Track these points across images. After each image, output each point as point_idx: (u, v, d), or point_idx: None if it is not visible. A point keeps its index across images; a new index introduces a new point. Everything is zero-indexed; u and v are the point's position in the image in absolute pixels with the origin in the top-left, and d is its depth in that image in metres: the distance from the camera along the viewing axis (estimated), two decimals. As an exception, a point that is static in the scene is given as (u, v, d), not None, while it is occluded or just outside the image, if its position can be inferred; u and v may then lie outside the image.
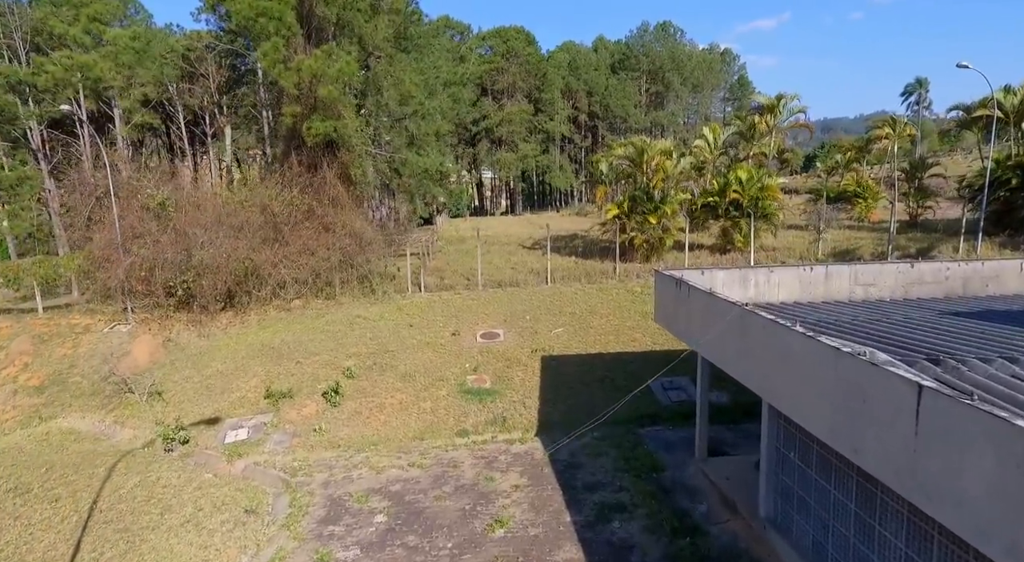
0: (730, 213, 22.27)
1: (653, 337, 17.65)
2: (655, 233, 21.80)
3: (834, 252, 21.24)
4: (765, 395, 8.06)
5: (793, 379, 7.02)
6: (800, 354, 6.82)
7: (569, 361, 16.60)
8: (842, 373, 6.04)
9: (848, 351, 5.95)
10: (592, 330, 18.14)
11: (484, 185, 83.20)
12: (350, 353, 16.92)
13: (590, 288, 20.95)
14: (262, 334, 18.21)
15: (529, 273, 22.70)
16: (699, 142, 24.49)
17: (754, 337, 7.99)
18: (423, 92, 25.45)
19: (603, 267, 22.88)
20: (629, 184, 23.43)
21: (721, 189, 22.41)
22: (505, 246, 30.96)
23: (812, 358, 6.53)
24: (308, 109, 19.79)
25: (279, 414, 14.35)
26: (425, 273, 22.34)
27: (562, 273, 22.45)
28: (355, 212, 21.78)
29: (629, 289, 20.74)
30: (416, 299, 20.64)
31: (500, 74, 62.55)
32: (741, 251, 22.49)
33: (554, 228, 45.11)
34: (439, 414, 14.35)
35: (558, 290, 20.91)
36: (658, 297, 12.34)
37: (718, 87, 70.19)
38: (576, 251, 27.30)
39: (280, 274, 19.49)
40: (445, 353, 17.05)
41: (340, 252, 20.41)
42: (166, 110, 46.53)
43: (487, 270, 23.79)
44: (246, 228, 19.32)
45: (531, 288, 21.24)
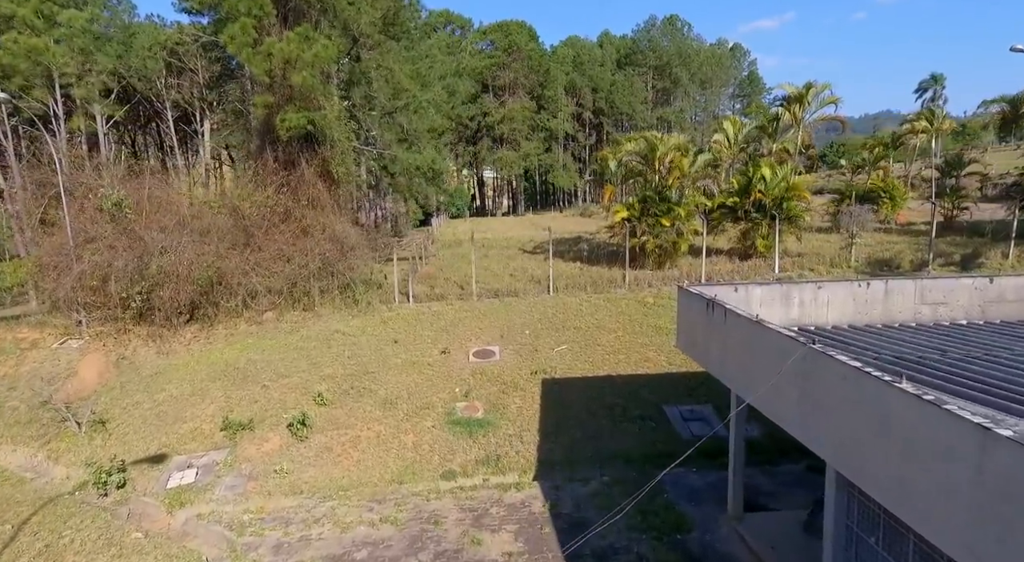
0: (751, 215, 20.18)
1: (669, 356, 15.57)
2: (668, 237, 19.73)
3: (869, 259, 19.14)
4: (849, 473, 5.90)
5: (895, 459, 4.92)
6: (910, 425, 4.72)
7: (573, 385, 14.53)
8: (994, 467, 3.95)
9: (1008, 436, 3.85)
10: (599, 348, 16.06)
11: (485, 184, 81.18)
12: (324, 375, 14.88)
13: (597, 299, 18.87)
14: (228, 351, 16.19)
15: (529, 281, 20.64)
16: (718, 137, 22.38)
17: (828, 389, 5.89)
18: (416, 84, 23.44)
19: (611, 274, 20.78)
20: (639, 183, 21.35)
21: (742, 188, 20.28)
22: (504, 250, 28.89)
23: (934, 436, 4.44)
24: (283, 99, 17.78)
25: (236, 450, 12.32)
26: (414, 281, 20.30)
27: (566, 281, 20.38)
28: (337, 214, 19.76)
29: (640, 300, 18.64)
30: (403, 310, 18.59)
31: (502, 70, 60.51)
32: (763, 257, 20.40)
33: (557, 230, 42.99)
34: (422, 451, 12.30)
35: (561, 301, 18.83)
36: (682, 318, 10.25)
37: (727, 83, 67.94)
38: (581, 256, 25.20)
39: (251, 283, 17.48)
40: (433, 375, 15.01)
41: (319, 258, 18.39)
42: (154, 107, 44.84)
43: (484, 277, 21.74)
44: (214, 232, 17.31)
45: (531, 298, 19.17)
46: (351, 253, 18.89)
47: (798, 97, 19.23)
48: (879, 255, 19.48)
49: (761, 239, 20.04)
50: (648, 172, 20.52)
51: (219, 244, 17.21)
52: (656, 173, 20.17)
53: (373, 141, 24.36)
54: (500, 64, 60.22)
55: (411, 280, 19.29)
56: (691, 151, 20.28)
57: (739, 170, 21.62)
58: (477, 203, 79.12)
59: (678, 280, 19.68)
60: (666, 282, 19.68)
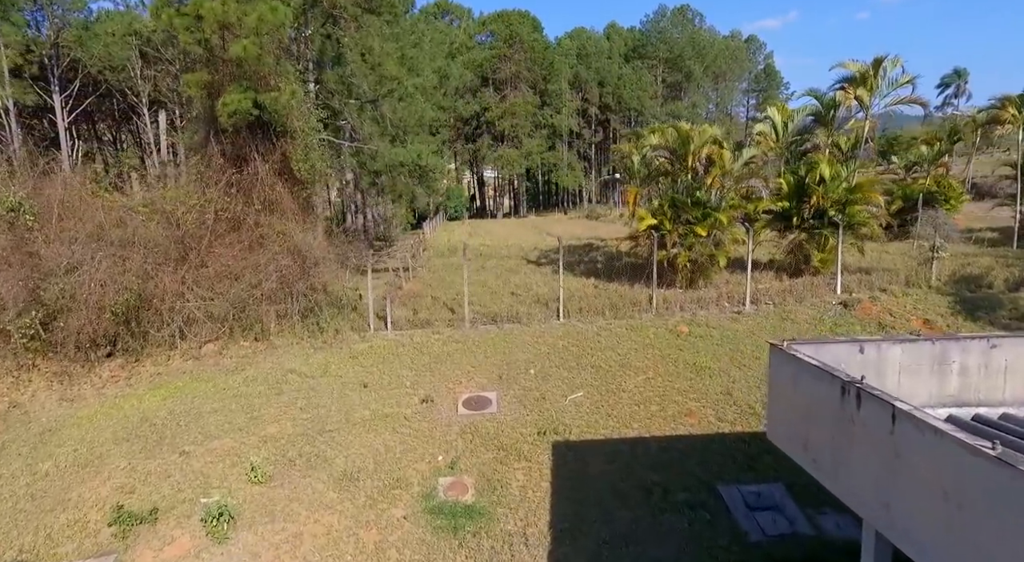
0: (806, 222, 16.65)
1: (715, 407, 12.06)
2: (704, 249, 16.17)
3: (954, 277, 15.60)
4: None
5: None
6: None
7: (594, 451, 10.99)
8: None
9: None
10: (625, 395, 12.52)
11: (486, 184, 77.67)
12: (266, 435, 11.35)
13: (618, 326, 15.31)
14: (149, 398, 12.66)
15: (534, 302, 17.08)
16: (761, 127, 18.74)
17: None
18: (401, 67, 19.95)
19: (633, 294, 17.21)
20: (666, 184, 17.81)
21: (793, 190, 16.72)
22: (505, 260, 25.33)
23: None
24: (227, 78, 14.29)
25: (124, 559, 8.78)
26: (394, 302, 16.76)
27: (579, 302, 16.82)
28: (301, 220, 16.24)
29: (672, 328, 15.09)
30: (379, 341, 15.05)
31: (503, 62, 56.90)
32: (818, 273, 16.87)
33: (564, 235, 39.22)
34: (387, 558, 8.76)
35: (574, 329, 15.28)
36: (782, 398, 6.66)
37: (741, 77, 64.29)
38: (594, 269, 21.62)
39: (188, 308, 13.94)
40: (410, 435, 11.48)
41: (276, 276, 14.86)
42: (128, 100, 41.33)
43: (479, 296, 18.20)
44: (140, 244, 13.78)
45: (537, 325, 15.62)
46: (315, 269, 15.35)
47: (863, 76, 15.65)
48: (964, 271, 15.95)
49: (817, 252, 16.49)
50: (678, 170, 16.98)
51: (146, 259, 13.67)
52: (689, 171, 16.61)
53: (354, 134, 20.84)
54: (501, 56, 56.63)
55: (389, 302, 15.72)
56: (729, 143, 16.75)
57: (789, 168, 18.07)
58: (477, 204, 75.64)
59: (716, 301, 16.15)
60: (701, 304, 16.12)
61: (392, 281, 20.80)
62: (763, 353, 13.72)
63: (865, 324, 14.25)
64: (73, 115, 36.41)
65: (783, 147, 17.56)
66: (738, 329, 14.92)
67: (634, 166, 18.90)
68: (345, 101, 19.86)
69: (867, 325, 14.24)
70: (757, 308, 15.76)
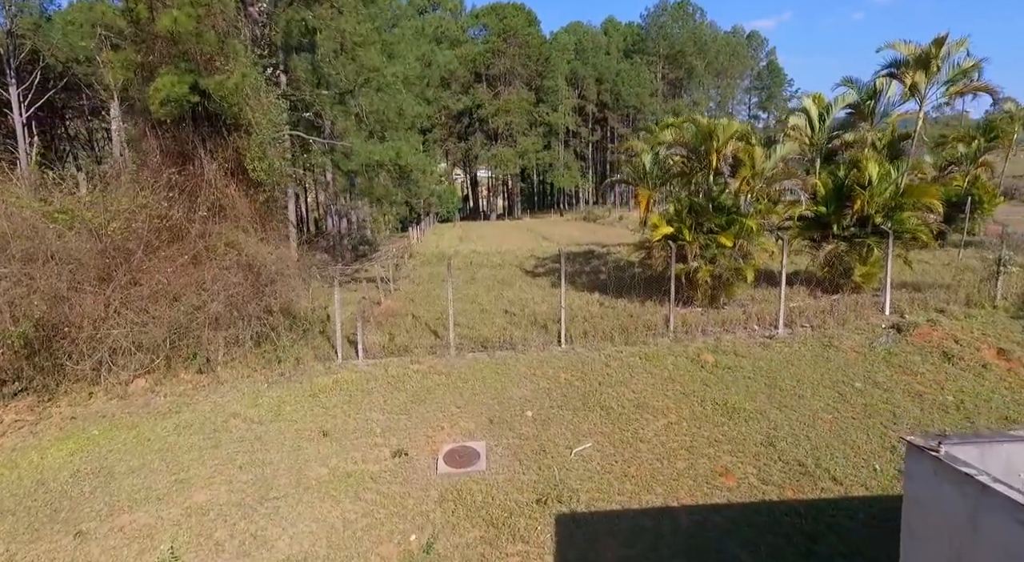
0: (847, 230, 14.39)
1: (758, 463, 9.76)
2: (729, 262, 13.87)
3: (1023, 297, 13.38)
4: None
5: None
6: None
7: (609, 528, 8.64)
8: None
9: None
10: (644, 446, 10.19)
11: (479, 184, 75.38)
12: (192, 506, 8.95)
13: (630, 355, 12.98)
14: (52, 454, 10.22)
15: (531, 323, 14.74)
16: (795, 120, 16.39)
17: None
18: (380, 53, 17.56)
19: (645, 314, 14.89)
20: (682, 184, 15.52)
21: (832, 193, 14.41)
22: (498, 269, 22.98)
23: None
24: (164, 60, 11.89)
25: None
26: (367, 325, 14.40)
27: (582, 323, 14.50)
28: (258, 228, 13.85)
29: (693, 357, 12.77)
30: (347, 373, 12.66)
31: (496, 57, 54.58)
32: (859, 289, 14.64)
33: (561, 239, 36.90)
34: None
35: (579, 358, 12.94)
36: (935, 535, 4.27)
37: (743, 74, 62.18)
38: (598, 281, 19.30)
39: (113, 336, 11.52)
40: (376, 503, 9.11)
41: (224, 296, 12.45)
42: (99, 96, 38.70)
43: (468, 313, 15.86)
44: (53, 259, 11.35)
45: (534, 353, 13.27)
46: (273, 286, 12.95)
47: (923, 59, 13.32)
48: (1032, 290, 13.73)
49: (859, 264, 14.23)
50: (698, 171, 14.68)
51: (60, 278, 11.23)
52: (711, 172, 14.32)
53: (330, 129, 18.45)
54: (495, 51, 54.30)
55: (361, 325, 13.32)
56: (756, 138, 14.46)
57: (825, 168, 15.81)
58: (470, 204, 73.34)
59: (744, 324, 13.85)
60: (726, 327, 13.82)
61: (369, 296, 18.41)
62: (806, 390, 11.48)
63: (926, 354, 11.98)
64: (32, 109, 33.84)
65: (819, 143, 15.33)
66: (772, 358, 12.64)
67: (645, 166, 16.58)
68: (316, 92, 17.49)
69: (928, 355, 11.97)
70: (792, 332, 13.48)
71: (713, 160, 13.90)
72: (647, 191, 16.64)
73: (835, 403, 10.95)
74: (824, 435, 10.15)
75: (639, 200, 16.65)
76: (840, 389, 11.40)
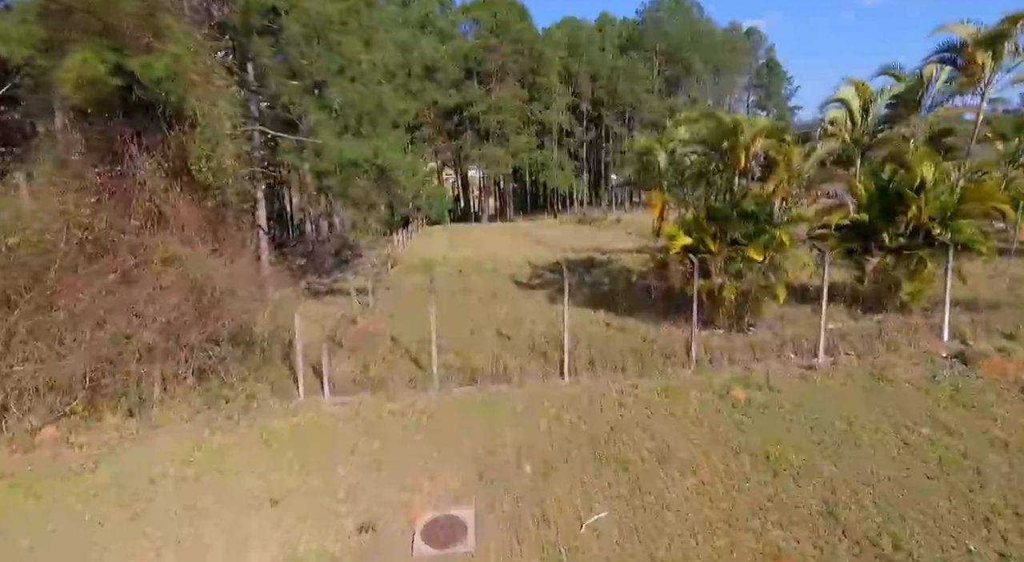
0: (896, 240, 12.48)
1: (818, 540, 7.74)
2: (758, 278, 11.93)
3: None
4: None
5: None
6: None
7: (637, 640, 6.64)
8: None
9: None
10: (672, 516, 8.18)
11: (471, 184, 73.27)
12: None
13: (647, 390, 10.99)
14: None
15: (529, 349, 12.72)
16: (834, 113, 14.45)
17: None
18: (355, 38, 15.46)
19: (660, 336, 12.92)
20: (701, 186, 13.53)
21: (875, 197, 12.48)
22: (489, 279, 20.96)
23: None
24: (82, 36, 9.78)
25: None
26: (338, 351, 12.32)
27: (588, 348, 12.51)
28: (208, 238, 11.74)
29: (723, 393, 10.80)
30: (309, 414, 10.58)
31: (488, 53, 52.49)
32: (907, 308, 12.76)
33: (557, 244, 34.92)
34: None
35: (586, 393, 10.93)
36: None
37: (742, 71, 60.51)
38: (602, 295, 17.31)
39: (15, 374, 9.38)
40: (330, 604, 7.05)
41: (160, 321, 10.33)
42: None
43: (455, 334, 13.83)
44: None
45: (533, 386, 11.26)
46: (220, 308, 10.84)
47: (989, 40, 11.42)
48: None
49: (908, 280, 12.32)
50: (718, 172, 12.74)
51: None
52: (735, 173, 12.38)
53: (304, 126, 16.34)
54: (486, 46, 52.22)
55: (327, 355, 11.22)
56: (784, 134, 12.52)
57: (867, 170, 13.85)
58: (461, 205, 71.23)
59: (777, 351, 11.90)
60: (757, 353, 11.87)
61: (346, 311, 16.32)
62: (862, 436, 9.53)
63: (1002, 391, 10.09)
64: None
65: (861, 139, 13.38)
66: (814, 394, 10.70)
67: (660, 166, 14.61)
68: (283, 82, 15.41)
69: (1004, 392, 10.08)
70: (834, 360, 11.56)
71: (740, 159, 11.96)
72: (661, 196, 14.63)
73: (901, 455, 9.01)
74: (895, 500, 8.19)
75: (652, 205, 14.66)
76: (903, 435, 9.46)
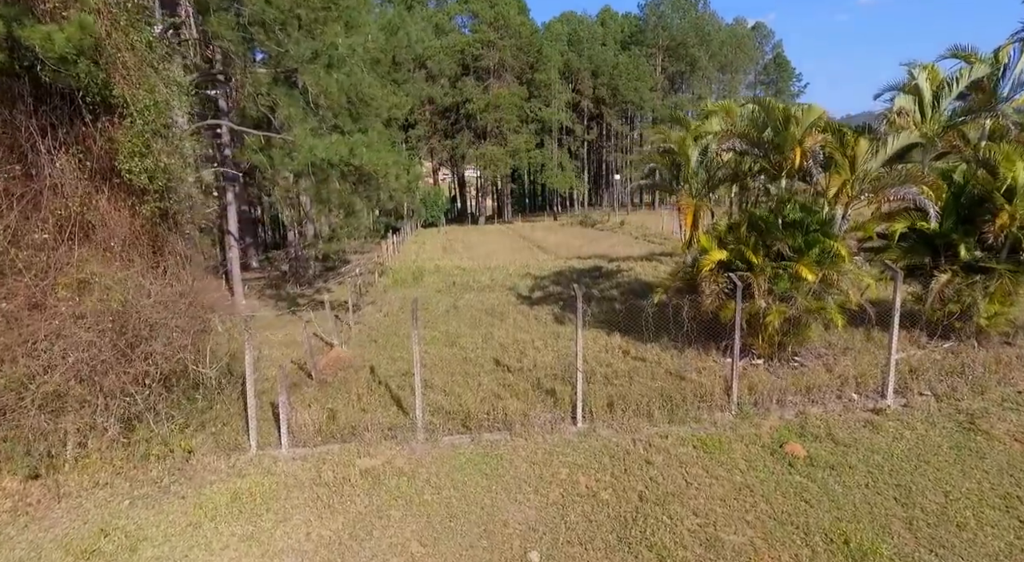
0: (973, 255, 10.44)
1: None
2: (808, 301, 9.85)
3: None
4: None
5: None
6: None
7: None
8: None
9: None
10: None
11: (468, 184, 71.17)
12: None
13: (680, 440, 8.89)
14: None
15: (533, 386, 10.58)
16: (902, 101, 12.36)
17: None
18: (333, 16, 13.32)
19: (687, 368, 10.82)
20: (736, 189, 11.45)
21: (953, 203, 10.41)
22: (486, 293, 18.82)
23: None
24: None
25: None
26: (296, 393, 10.21)
27: (604, 384, 10.41)
28: (146, 254, 9.63)
29: (774, 447, 8.71)
30: (257, 477, 8.45)
31: (486, 48, 50.36)
32: (983, 333, 10.70)
33: (559, 249, 32.80)
34: None
35: (604, 448, 8.82)
36: None
37: (749, 68, 58.46)
38: (613, 313, 15.18)
39: None
40: None
41: (71, 360, 8.21)
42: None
43: (446, 364, 11.73)
44: None
45: (539, 438, 9.13)
46: (153, 341, 8.72)
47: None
48: None
49: (987, 301, 10.26)
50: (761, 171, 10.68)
51: None
52: (780, 173, 10.28)
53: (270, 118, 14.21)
54: (484, 41, 50.09)
55: (285, 397, 9.07)
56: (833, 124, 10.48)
57: (938, 169, 11.79)
58: (458, 206, 69.13)
59: (836, 390, 9.82)
60: (811, 394, 9.76)
61: (323, 331, 14.18)
62: (966, 514, 7.42)
63: None
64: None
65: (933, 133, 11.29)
66: (892, 451, 8.60)
67: (691, 165, 12.43)
68: (249, 68, 13.29)
69: None
70: (907, 403, 9.47)
71: (794, 156, 9.89)
72: (692, 200, 12.44)
73: (1021, 540, 6.92)
74: (1030, 614, 6.12)
75: (682, 211, 12.49)
76: (1018, 511, 7.37)
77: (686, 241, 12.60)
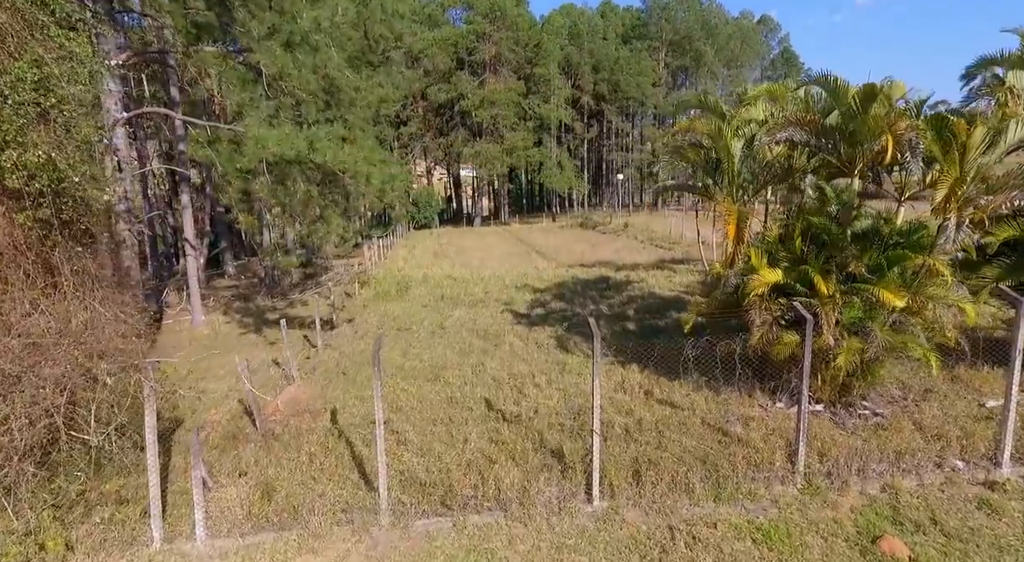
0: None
1: None
2: (889, 336, 7.61)
3: None
4: None
5: None
6: None
7: None
8: None
9: None
10: None
11: (463, 184, 68.81)
12: None
13: (731, 527, 6.58)
14: None
15: (532, 440, 8.27)
16: (1014, 79, 10.03)
17: None
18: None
19: (729, 419, 8.54)
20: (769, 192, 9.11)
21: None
22: (479, 309, 16.52)
23: None
24: None
25: None
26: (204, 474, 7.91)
27: (625, 440, 8.12)
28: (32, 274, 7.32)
29: (858, 535, 6.41)
30: (156, 589, 6.13)
31: (482, 41, 48.02)
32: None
33: (560, 254, 30.49)
34: None
35: (632, 538, 6.52)
36: None
37: (755, 62, 56.25)
38: (627, 337, 12.89)
39: None
40: None
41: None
42: None
43: (426, 408, 9.45)
44: None
45: (540, 522, 6.81)
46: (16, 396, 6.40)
47: None
48: None
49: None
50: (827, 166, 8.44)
51: None
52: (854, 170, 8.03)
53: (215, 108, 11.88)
54: (479, 34, 47.76)
55: (199, 467, 6.76)
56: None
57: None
58: (453, 206, 66.82)
59: (935, 457, 7.58)
60: (900, 461, 7.49)
61: (284, 359, 11.83)
62: None
63: None
64: None
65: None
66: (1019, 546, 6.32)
67: (734, 161, 10.14)
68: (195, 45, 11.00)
69: None
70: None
71: (885, 145, 7.59)
72: (735, 207, 10.02)
73: None
74: None
75: (726, 219, 10.14)
76: None
77: (727, 258, 10.27)
